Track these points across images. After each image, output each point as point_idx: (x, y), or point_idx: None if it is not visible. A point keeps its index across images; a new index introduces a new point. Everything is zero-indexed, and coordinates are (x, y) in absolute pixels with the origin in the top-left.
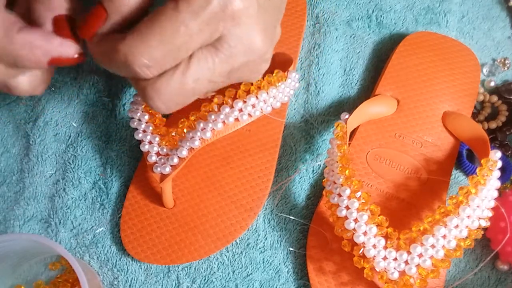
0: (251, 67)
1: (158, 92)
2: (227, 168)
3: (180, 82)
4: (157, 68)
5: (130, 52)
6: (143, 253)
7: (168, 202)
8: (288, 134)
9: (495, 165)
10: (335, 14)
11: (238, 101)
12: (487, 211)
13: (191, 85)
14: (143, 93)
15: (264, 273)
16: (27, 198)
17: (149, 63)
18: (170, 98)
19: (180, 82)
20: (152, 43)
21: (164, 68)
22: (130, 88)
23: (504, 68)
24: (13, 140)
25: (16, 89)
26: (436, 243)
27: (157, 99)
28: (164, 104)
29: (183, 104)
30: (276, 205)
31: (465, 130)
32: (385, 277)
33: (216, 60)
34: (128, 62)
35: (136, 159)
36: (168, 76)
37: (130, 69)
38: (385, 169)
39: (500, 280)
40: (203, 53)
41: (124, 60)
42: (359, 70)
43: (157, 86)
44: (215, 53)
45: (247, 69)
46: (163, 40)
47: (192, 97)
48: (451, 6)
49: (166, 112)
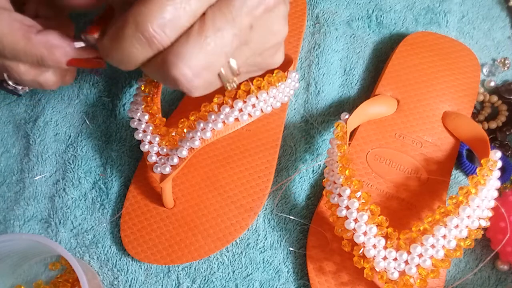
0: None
1: (178, 54)
2: (227, 168)
3: (199, 37)
4: (172, 27)
5: (140, 13)
6: (143, 253)
7: (168, 202)
8: (288, 134)
9: (495, 165)
10: (335, 14)
11: (238, 101)
12: (487, 211)
13: (213, 39)
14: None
15: (264, 273)
16: (27, 198)
17: (161, 20)
18: (193, 59)
19: (199, 37)
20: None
21: (180, 27)
22: (130, 88)
23: (504, 68)
24: (13, 140)
25: (46, 84)
26: (436, 243)
27: (180, 63)
28: (190, 68)
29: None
30: (276, 205)
31: (465, 130)
32: (385, 277)
33: (231, 9)
34: (140, 26)
35: (136, 159)
36: (185, 36)
37: (144, 34)
38: (385, 169)
39: (500, 280)
40: (216, 6)
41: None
42: (359, 70)
43: (176, 49)
44: (229, 1)
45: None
46: None
47: (218, 57)
48: (451, 6)
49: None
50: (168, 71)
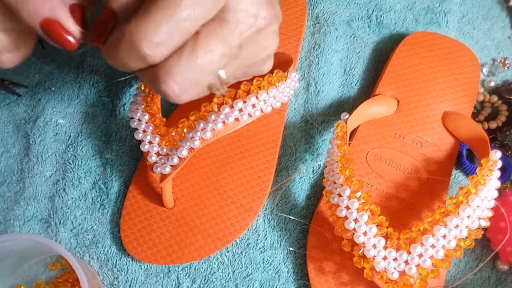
0: (260, 42)
1: (169, 72)
2: (227, 168)
3: (190, 56)
4: (165, 46)
5: (135, 31)
6: (143, 253)
7: (168, 202)
8: (288, 134)
9: (495, 165)
10: (335, 14)
11: (238, 101)
12: (487, 211)
13: (202, 58)
14: (155, 79)
15: (264, 273)
16: (27, 198)
17: (155, 40)
18: (182, 76)
19: (190, 56)
20: (156, 18)
21: (173, 46)
22: (130, 88)
23: (504, 68)
24: (13, 140)
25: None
26: (436, 243)
27: (169, 80)
28: (178, 84)
29: (198, 84)
30: (276, 205)
31: (465, 130)
32: (385, 277)
33: (224, 30)
34: (135, 43)
35: (136, 159)
36: (177, 54)
37: (138, 51)
38: (385, 169)
39: (500, 280)
40: (210, 25)
41: (130, 42)
42: (359, 70)
43: (168, 66)
44: (222, 23)
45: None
46: (167, 14)
47: (206, 74)
48: (451, 6)
49: (183, 96)
50: (158, 85)
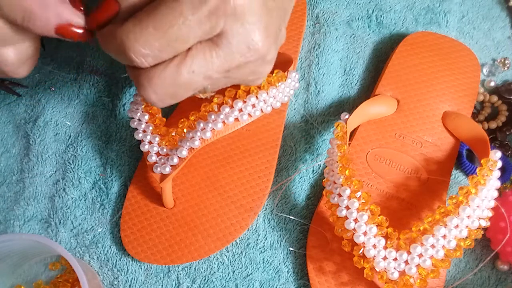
0: (251, 68)
1: (150, 81)
2: (227, 168)
3: (174, 72)
4: (153, 58)
5: (126, 38)
6: (143, 253)
7: (168, 202)
8: (288, 134)
9: (495, 165)
10: (335, 14)
11: (238, 101)
12: (487, 211)
13: (185, 77)
14: (136, 81)
15: (264, 273)
16: (27, 198)
17: (144, 51)
18: (162, 88)
19: (174, 72)
20: (150, 31)
21: (160, 59)
22: (130, 88)
23: (504, 68)
24: (13, 140)
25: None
26: (436, 243)
27: (148, 88)
28: (156, 94)
29: (176, 97)
30: (276, 205)
31: (465, 130)
32: (385, 277)
33: (213, 55)
34: (124, 48)
35: (136, 159)
36: (163, 66)
37: (126, 56)
38: (385, 169)
39: (500, 280)
40: (202, 47)
41: (120, 45)
42: (359, 70)
43: (150, 75)
44: (214, 48)
45: (248, 70)
46: (160, 30)
47: (186, 91)
48: (451, 6)
49: (159, 104)
50: (137, 87)
